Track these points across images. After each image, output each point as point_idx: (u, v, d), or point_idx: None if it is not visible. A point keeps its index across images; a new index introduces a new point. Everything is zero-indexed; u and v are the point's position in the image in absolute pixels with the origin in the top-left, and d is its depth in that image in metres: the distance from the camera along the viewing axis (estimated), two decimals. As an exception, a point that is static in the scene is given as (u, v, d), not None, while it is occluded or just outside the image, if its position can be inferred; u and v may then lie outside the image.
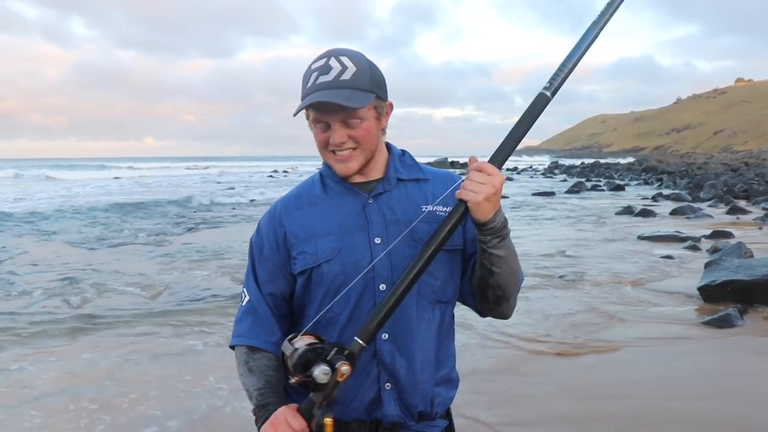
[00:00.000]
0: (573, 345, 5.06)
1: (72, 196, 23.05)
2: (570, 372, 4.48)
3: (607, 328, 5.55)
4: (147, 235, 12.17)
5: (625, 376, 4.36)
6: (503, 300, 1.48)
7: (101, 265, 8.75)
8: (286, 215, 1.51)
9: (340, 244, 1.44)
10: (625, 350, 4.93)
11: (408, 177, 1.52)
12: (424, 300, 1.46)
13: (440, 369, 1.50)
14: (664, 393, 4.04)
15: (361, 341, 1.31)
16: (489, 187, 1.32)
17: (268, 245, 1.51)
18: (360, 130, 1.41)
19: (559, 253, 9.51)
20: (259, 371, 1.46)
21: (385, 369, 1.44)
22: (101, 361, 4.76)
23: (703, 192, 21.39)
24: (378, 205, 1.47)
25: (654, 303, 6.40)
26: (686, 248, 9.66)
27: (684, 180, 28.27)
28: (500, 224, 1.37)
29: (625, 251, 9.66)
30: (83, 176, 42.48)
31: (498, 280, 1.43)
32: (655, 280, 7.49)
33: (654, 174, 37.88)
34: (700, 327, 5.51)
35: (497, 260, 1.40)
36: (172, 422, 3.70)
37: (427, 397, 1.47)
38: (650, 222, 13.77)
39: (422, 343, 1.46)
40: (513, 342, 5.13)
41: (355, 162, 1.44)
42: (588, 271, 8.03)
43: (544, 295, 6.79)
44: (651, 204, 17.78)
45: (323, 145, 1.44)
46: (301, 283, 1.48)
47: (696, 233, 11.07)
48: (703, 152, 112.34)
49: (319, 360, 1.26)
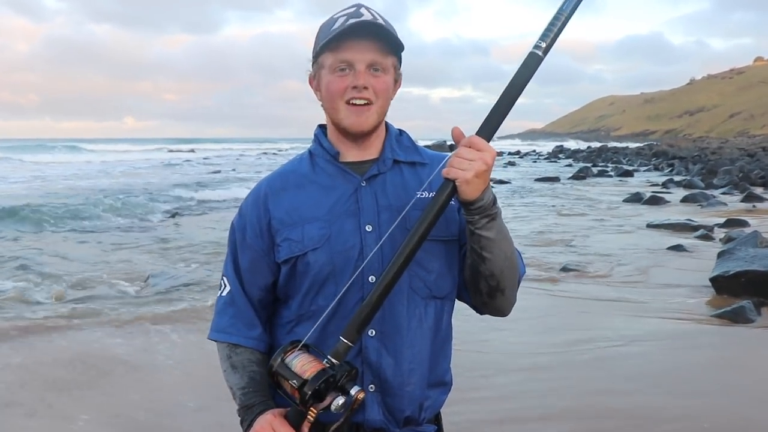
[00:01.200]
0: (576, 340, 5.10)
1: (45, 180, 22.54)
2: (574, 367, 4.52)
3: (611, 321, 5.61)
4: (122, 225, 12.05)
5: (630, 372, 4.40)
6: (497, 292, 1.45)
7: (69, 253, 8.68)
8: (271, 198, 1.49)
9: (328, 231, 1.42)
10: (630, 345, 4.98)
11: (405, 159, 1.51)
12: (416, 295, 1.45)
13: (432, 371, 1.49)
14: (672, 389, 4.10)
15: (346, 341, 1.30)
16: (479, 163, 1.29)
17: (250, 230, 1.49)
18: (381, 81, 1.42)
19: (561, 242, 9.58)
20: (242, 367, 1.46)
21: (370, 368, 1.42)
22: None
23: (717, 178, 21.57)
24: (371, 188, 1.46)
25: (662, 295, 6.47)
26: (698, 237, 9.77)
27: (697, 166, 28.48)
28: (489, 202, 1.34)
29: (633, 240, 9.75)
30: (59, 159, 41.35)
31: (490, 268, 1.40)
32: (664, 271, 7.58)
33: (665, 159, 38.12)
34: (711, 320, 5.59)
35: (487, 243, 1.37)
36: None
37: (414, 401, 1.45)
38: (660, 210, 13.89)
39: (412, 341, 1.44)
40: (515, 335, 5.17)
41: (369, 118, 1.43)
42: (592, 262, 8.09)
43: (545, 287, 6.84)
44: (661, 191, 17.90)
45: (340, 93, 1.42)
46: (285, 273, 1.46)
47: (709, 221, 11.19)
48: (717, 136, 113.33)
49: (332, 389, 1.26)
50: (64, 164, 35.55)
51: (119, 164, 35.64)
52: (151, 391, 4.13)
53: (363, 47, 1.39)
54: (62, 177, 24.91)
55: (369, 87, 1.40)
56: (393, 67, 1.45)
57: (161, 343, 5.05)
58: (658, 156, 42.14)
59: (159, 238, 10.18)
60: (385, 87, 1.43)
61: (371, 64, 1.40)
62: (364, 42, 1.38)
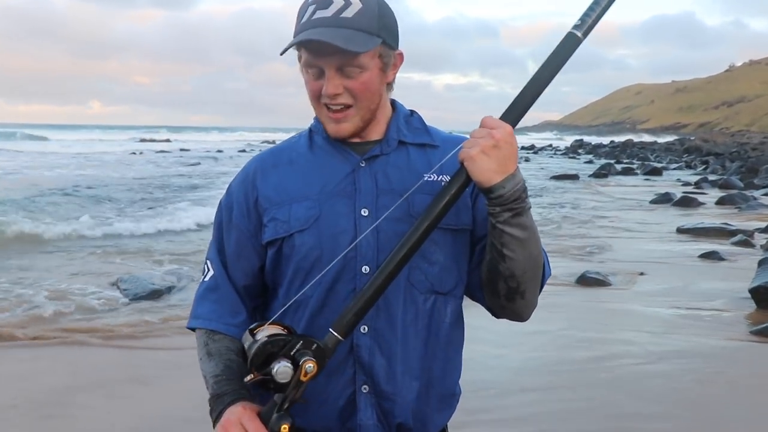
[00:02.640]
0: (597, 356, 5.10)
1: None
2: (595, 387, 4.52)
3: (636, 336, 5.61)
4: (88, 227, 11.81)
5: (657, 394, 4.40)
6: (517, 294, 1.43)
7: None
8: (260, 175, 1.51)
9: (317, 211, 1.44)
10: (658, 363, 4.98)
11: (412, 141, 1.51)
12: (415, 289, 1.44)
13: (434, 378, 1.48)
14: (703, 415, 4.09)
15: (336, 334, 1.30)
16: (487, 139, 1.30)
17: (237, 210, 1.52)
18: (358, 82, 1.40)
19: (580, 249, 9.59)
20: (219, 355, 1.47)
21: (362, 368, 1.43)
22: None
23: (758, 178, 21.65)
24: (371, 169, 1.46)
25: (694, 308, 6.47)
26: (736, 243, 9.78)
27: (735, 163, 28.54)
28: (512, 193, 1.32)
29: (661, 247, 9.76)
30: (13, 147, 39.74)
31: (511, 268, 1.39)
32: (696, 280, 7.58)
33: (698, 156, 38.25)
34: (750, 337, 5.59)
35: (509, 240, 1.36)
36: None
37: (407, 409, 1.45)
38: (692, 212, 13.92)
39: (407, 341, 1.45)
40: (531, 350, 5.17)
41: (349, 123, 1.43)
42: (615, 271, 8.09)
43: (563, 298, 6.84)
44: (694, 191, 17.96)
45: (315, 96, 1.44)
46: (271, 256, 1.48)
47: (748, 226, 11.22)
48: (759, 130, 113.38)
49: (281, 355, 1.26)
50: (27, 153, 34.38)
51: (84, 154, 34.87)
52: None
53: (328, 49, 1.36)
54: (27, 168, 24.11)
55: (342, 92, 1.40)
56: (375, 57, 1.43)
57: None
58: (690, 152, 42.26)
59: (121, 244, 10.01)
60: (364, 86, 1.41)
61: (341, 66, 1.39)
62: (328, 44, 1.34)
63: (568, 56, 1.40)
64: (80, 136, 59.03)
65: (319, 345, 1.28)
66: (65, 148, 41.25)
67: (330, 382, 1.43)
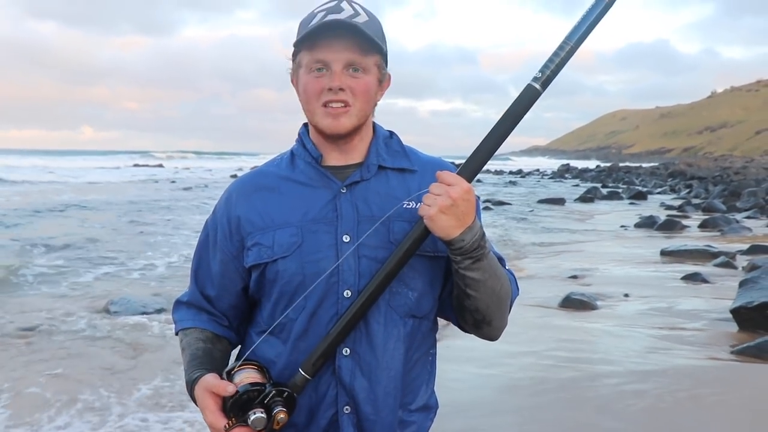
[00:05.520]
0: (581, 377, 5.09)
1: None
2: (578, 407, 4.50)
3: (620, 356, 5.59)
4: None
5: (640, 415, 4.38)
6: (483, 324, 1.51)
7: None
8: (243, 198, 1.53)
9: (300, 238, 1.46)
10: (640, 383, 4.96)
11: (391, 165, 1.53)
12: (395, 313, 1.47)
13: (411, 394, 1.52)
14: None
15: (305, 374, 1.37)
16: (444, 198, 1.33)
17: (221, 232, 1.55)
18: (361, 83, 1.44)
19: (565, 271, 9.59)
20: (189, 347, 1.54)
21: (344, 389, 1.46)
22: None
23: (740, 201, 21.74)
24: (352, 196, 1.48)
25: (676, 328, 6.46)
26: (718, 265, 9.79)
27: (718, 187, 28.72)
28: (471, 244, 1.37)
29: (644, 269, 9.77)
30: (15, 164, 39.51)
31: (475, 304, 1.46)
32: (679, 301, 7.57)
33: (682, 180, 38.47)
34: (731, 357, 5.58)
35: (471, 282, 1.42)
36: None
37: (391, 427, 1.48)
38: (676, 235, 13.97)
39: (388, 363, 1.47)
40: (515, 370, 5.15)
41: (347, 119, 1.45)
42: (599, 293, 8.09)
43: (548, 320, 6.83)
44: (677, 214, 18.04)
45: (316, 95, 1.45)
46: (255, 279, 1.51)
47: (731, 248, 11.25)
48: (741, 155, 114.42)
49: (256, 403, 1.32)
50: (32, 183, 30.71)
51: (73, 181, 33.25)
52: None
53: (339, 46, 1.41)
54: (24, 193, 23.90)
55: (346, 89, 1.43)
56: (376, 66, 1.47)
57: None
58: (674, 176, 42.51)
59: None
60: (365, 88, 1.45)
61: (349, 63, 1.42)
62: (340, 41, 1.40)
63: (527, 109, 1.39)
64: (84, 163, 56.67)
65: (290, 393, 1.35)
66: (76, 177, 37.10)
67: (313, 403, 1.46)
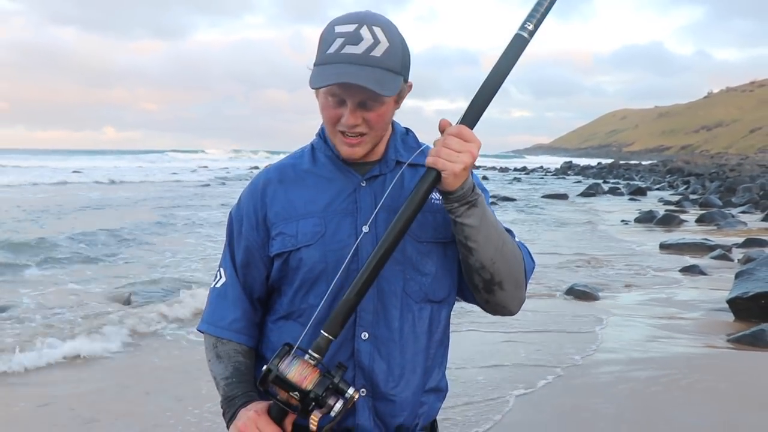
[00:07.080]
0: (576, 365, 5.17)
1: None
2: (566, 396, 4.59)
3: (621, 345, 5.67)
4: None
5: (631, 400, 4.46)
6: (494, 286, 1.49)
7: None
8: (269, 190, 1.56)
9: (323, 228, 1.49)
10: (642, 371, 5.04)
11: (408, 161, 1.55)
12: (410, 299, 1.50)
13: (426, 376, 1.54)
14: (686, 420, 4.15)
15: (328, 335, 1.37)
16: (467, 155, 1.35)
17: (247, 222, 1.57)
18: (376, 114, 1.44)
19: (566, 263, 9.68)
20: (228, 357, 1.54)
21: (362, 372, 1.48)
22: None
23: (735, 196, 21.81)
24: (371, 189, 1.52)
25: (675, 318, 6.55)
26: (715, 258, 9.88)
27: (714, 183, 28.74)
28: (468, 189, 1.40)
29: (644, 261, 9.86)
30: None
31: (479, 258, 1.45)
32: (677, 292, 7.67)
33: (680, 176, 38.50)
34: (727, 345, 5.66)
35: (471, 231, 1.43)
36: None
37: (406, 408, 1.51)
38: (674, 229, 14.04)
39: (405, 346, 1.50)
40: (503, 360, 5.23)
41: (362, 148, 1.48)
42: (600, 283, 8.18)
43: (549, 308, 6.92)
44: (675, 209, 18.07)
45: (332, 122, 1.47)
46: (278, 267, 1.53)
47: (726, 241, 11.33)
48: (736, 152, 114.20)
49: (330, 394, 1.34)
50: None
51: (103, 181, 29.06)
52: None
53: (354, 88, 1.39)
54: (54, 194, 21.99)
55: (361, 123, 1.45)
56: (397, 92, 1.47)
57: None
58: (672, 173, 42.50)
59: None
60: (381, 117, 1.46)
61: (363, 102, 1.43)
62: (360, 87, 1.38)
63: (517, 57, 1.43)
64: (119, 163, 52.47)
65: (345, 366, 1.38)
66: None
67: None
